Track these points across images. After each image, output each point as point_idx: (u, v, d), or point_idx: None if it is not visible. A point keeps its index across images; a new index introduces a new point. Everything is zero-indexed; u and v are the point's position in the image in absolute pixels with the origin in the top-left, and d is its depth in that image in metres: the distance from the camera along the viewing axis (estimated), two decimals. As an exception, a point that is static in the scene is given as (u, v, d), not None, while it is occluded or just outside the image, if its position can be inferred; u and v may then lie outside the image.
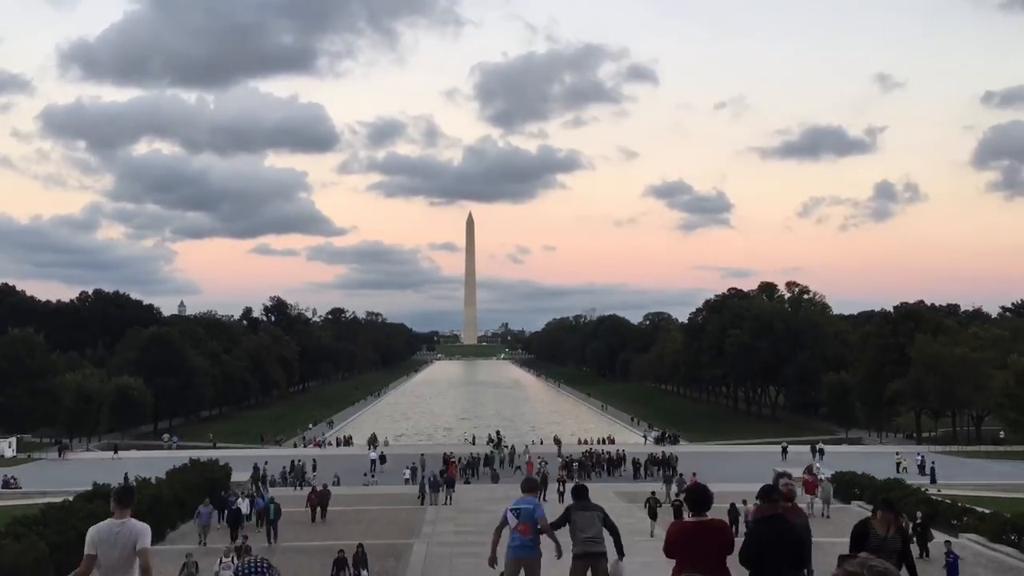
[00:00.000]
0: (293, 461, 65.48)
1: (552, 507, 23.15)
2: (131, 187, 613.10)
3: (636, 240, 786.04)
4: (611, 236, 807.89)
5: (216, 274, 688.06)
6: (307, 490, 45.51)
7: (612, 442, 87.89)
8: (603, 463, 66.78)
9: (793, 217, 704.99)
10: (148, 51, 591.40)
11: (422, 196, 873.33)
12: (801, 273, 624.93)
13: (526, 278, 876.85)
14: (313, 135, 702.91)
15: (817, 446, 71.72)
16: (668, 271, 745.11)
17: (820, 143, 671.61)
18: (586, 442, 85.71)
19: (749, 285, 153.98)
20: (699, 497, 8.84)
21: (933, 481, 54.59)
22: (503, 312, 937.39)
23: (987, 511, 35.21)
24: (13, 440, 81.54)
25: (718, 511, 17.82)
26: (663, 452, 69.74)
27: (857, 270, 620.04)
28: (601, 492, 43.74)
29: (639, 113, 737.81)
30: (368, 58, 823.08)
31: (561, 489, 46.41)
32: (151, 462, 63.07)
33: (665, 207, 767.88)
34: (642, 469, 64.10)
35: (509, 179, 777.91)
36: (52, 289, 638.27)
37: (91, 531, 8.20)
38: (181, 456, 60.73)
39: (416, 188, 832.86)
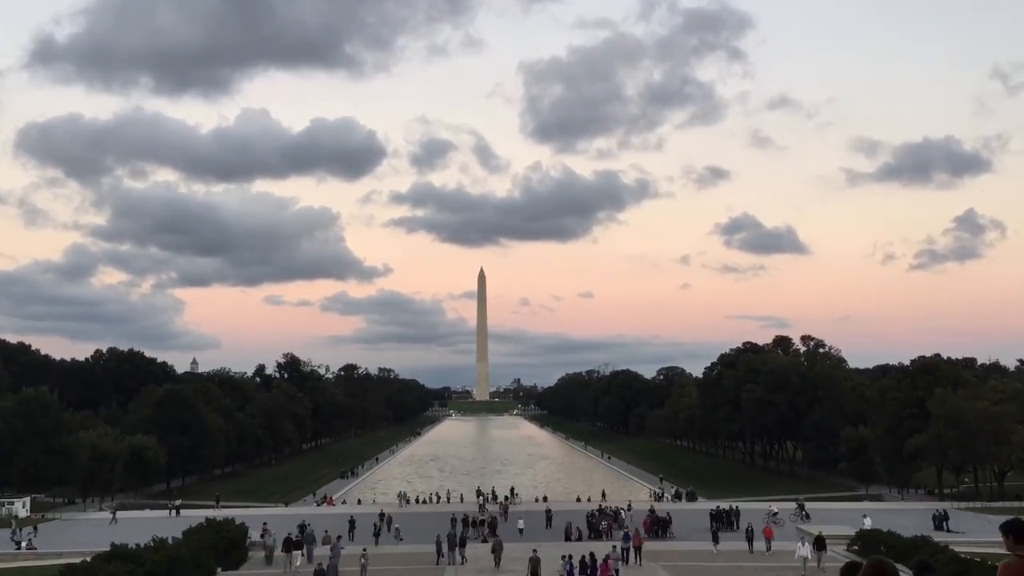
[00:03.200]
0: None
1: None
2: (125, 225, 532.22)
3: (679, 286, 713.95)
4: (653, 281, 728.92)
5: (228, 327, 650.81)
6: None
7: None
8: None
9: (859, 257, 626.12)
10: (126, 46, 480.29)
11: (453, 232, 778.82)
12: (850, 322, 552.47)
13: (554, 330, 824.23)
14: (342, 158, 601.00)
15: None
16: (707, 321, 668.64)
17: (922, 162, 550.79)
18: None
19: (767, 338, 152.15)
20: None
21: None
22: (524, 366, 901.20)
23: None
24: (27, 500, 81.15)
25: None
26: (730, 506, 68.82)
27: (914, 318, 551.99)
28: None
29: (724, 120, 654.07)
30: (413, 44, 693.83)
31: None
32: (165, 523, 62.60)
33: (722, 246, 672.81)
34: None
35: (559, 214, 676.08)
36: (58, 346, 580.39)
37: None
38: (197, 516, 60.29)
39: (448, 224, 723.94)
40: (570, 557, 40.97)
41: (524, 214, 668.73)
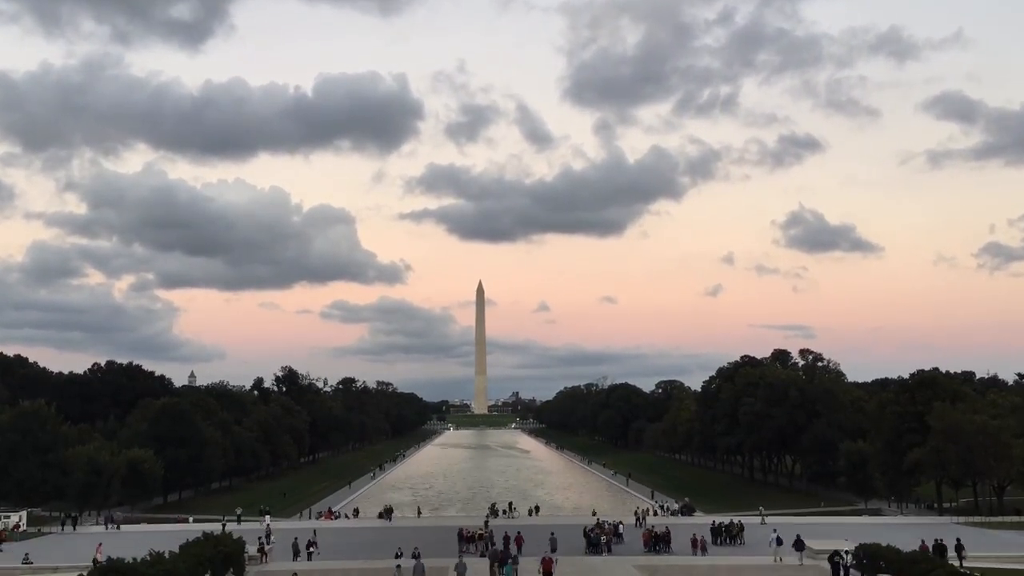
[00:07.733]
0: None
1: None
2: (103, 216, 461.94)
3: (709, 290, 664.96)
4: (683, 285, 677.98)
5: (226, 338, 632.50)
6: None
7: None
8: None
9: (913, 257, 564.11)
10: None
11: (475, 225, 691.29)
12: (881, 333, 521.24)
13: (569, 340, 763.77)
14: (361, 128, 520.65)
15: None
16: (730, 331, 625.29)
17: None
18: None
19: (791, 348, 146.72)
20: None
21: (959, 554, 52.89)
22: (528, 379, 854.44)
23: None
24: (24, 514, 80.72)
25: None
26: (731, 521, 68.33)
27: (956, 328, 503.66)
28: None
29: (816, 69, 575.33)
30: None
31: None
32: (162, 535, 62.29)
33: (771, 244, 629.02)
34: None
35: (602, 204, 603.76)
36: (44, 356, 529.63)
37: None
38: (194, 529, 59.95)
39: (471, 215, 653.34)
40: None
41: (559, 202, 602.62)
